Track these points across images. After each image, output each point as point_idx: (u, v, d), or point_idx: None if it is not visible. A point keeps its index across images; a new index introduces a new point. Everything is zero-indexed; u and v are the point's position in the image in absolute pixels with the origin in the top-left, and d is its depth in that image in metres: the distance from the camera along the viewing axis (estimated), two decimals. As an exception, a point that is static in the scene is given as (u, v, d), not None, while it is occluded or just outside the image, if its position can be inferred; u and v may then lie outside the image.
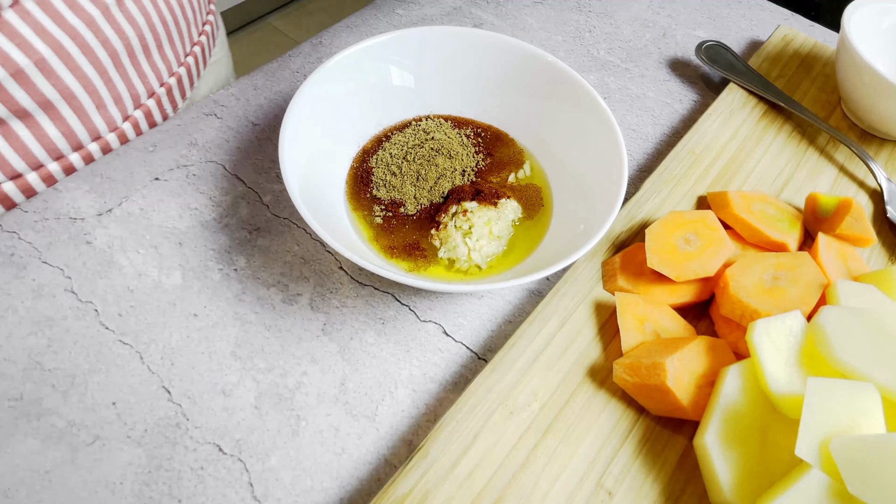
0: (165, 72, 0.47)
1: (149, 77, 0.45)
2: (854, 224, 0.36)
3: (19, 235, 0.36)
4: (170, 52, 0.47)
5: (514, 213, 0.39)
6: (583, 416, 0.31)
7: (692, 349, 0.30)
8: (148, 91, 0.46)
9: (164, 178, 0.40)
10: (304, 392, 0.33)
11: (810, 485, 0.25)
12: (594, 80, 0.51)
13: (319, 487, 0.30)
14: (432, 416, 0.33)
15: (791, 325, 0.30)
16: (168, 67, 0.47)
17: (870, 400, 0.26)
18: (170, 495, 0.29)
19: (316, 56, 0.50)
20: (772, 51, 0.53)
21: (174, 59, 0.48)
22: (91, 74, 0.40)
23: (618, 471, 0.30)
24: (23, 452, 0.29)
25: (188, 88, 0.50)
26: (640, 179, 0.45)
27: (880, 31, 0.48)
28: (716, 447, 0.28)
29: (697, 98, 0.51)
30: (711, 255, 0.34)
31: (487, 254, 0.37)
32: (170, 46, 0.47)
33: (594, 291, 0.36)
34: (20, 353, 0.32)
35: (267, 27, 1.81)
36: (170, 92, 0.48)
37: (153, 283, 0.36)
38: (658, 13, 0.59)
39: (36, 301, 0.34)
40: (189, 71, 0.50)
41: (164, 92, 0.47)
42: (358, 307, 0.36)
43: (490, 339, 0.36)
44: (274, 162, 0.42)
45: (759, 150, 0.45)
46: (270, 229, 0.39)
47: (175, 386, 0.32)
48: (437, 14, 0.55)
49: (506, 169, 0.42)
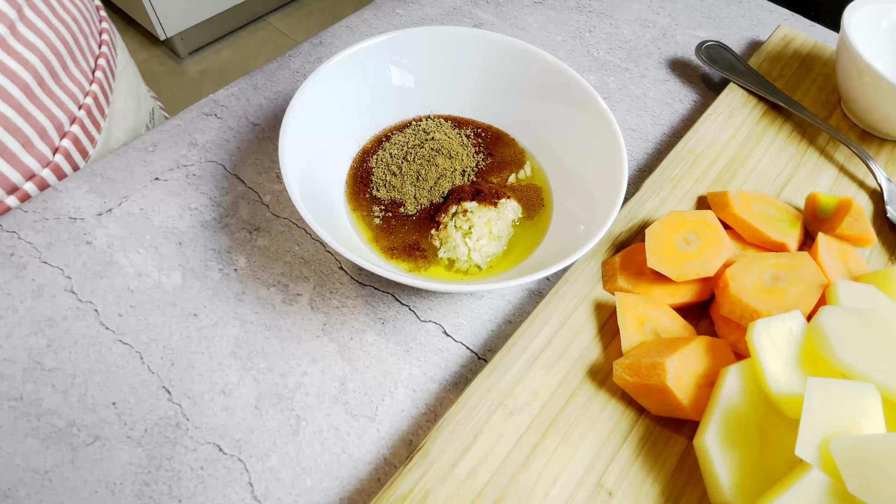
0: (79, 92, 0.46)
1: (65, 102, 0.44)
2: (854, 224, 0.36)
3: (19, 235, 0.36)
4: (77, 72, 0.46)
5: (514, 213, 0.39)
6: (583, 416, 0.31)
7: (692, 349, 0.30)
8: (69, 117, 0.44)
9: (164, 177, 0.40)
10: (304, 392, 0.33)
11: (810, 485, 0.25)
12: (594, 80, 0.51)
13: (319, 487, 0.30)
14: (432, 416, 0.33)
15: (791, 325, 0.30)
16: (80, 87, 0.46)
17: (870, 400, 0.26)
18: (170, 495, 0.29)
19: (316, 56, 0.50)
20: (772, 51, 0.53)
21: (84, 78, 0.47)
22: (8, 113, 0.39)
23: (618, 471, 0.30)
24: (23, 452, 0.29)
25: (105, 105, 0.49)
26: (640, 179, 0.45)
27: (880, 31, 0.48)
28: (716, 447, 0.28)
29: (697, 98, 0.51)
30: (711, 255, 0.34)
31: (487, 254, 0.37)
32: (75, 66, 0.46)
33: (594, 291, 0.36)
34: (20, 353, 0.32)
35: (267, 27, 1.81)
36: (90, 113, 0.46)
37: (153, 283, 0.36)
38: (658, 13, 0.59)
39: (36, 301, 0.34)
40: (101, 86, 0.48)
41: (85, 114, 0.46)
42: (358, 307, 0.36)
43: (490, 339, 0.36)
44: (274, 162, 0.42)
45: (759, 150, 0.45)
46: (270, 229, 0.39)
47: (175, 386, 0.32)
48: (437, 14, 0.55)
49: (507, 169, 0.42)
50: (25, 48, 0.40)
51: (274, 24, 1.82)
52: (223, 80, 1.62)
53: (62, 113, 0.44)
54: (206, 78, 1.64)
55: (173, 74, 1.64)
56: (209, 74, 1.65)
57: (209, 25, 1.67)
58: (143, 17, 1.49)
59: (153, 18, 1.49)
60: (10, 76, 0.39)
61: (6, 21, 0.39)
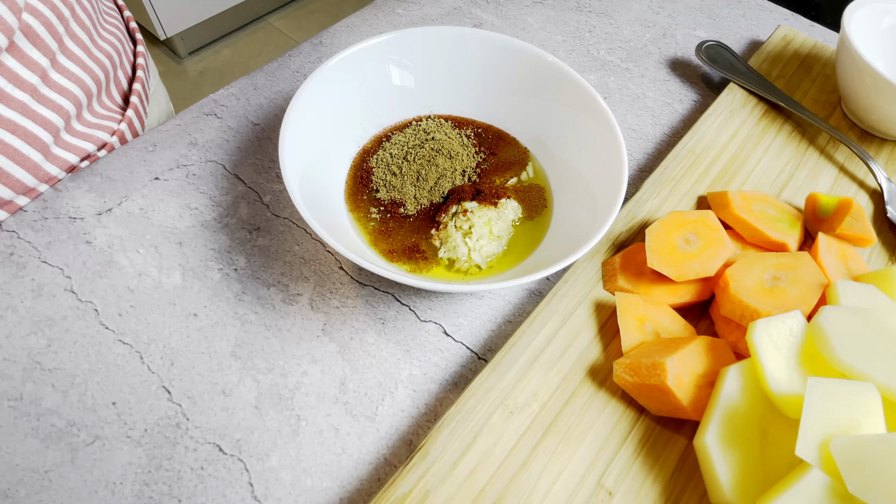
0: (112, 122, 0.45)
1: (95, 135, 0.43)
2: (854, 224, 0.36)
3: (19, 235, 0.36)
4: (108, 101, 0.45)
5: (514, 213, 0.39)
6: (583, 416, 0.31)
7: (692, 349, 0.30)
8: (98, 146, 0.44)
9: (164, 177, 0.40)
10: (304, 392, 0.33)
11: (810, 485, 0.25)
12: (594, 80, 0.51)
13: (319, 487, 0.30)
14: (432, 416, 0.33)
15: (791, 325, 0.30)
16: (112, 118, 0.46)
17: (870, 400, 0.26)
18: (170, 495, 0.29)
19: (316, 56, 0.50)
20: (772, 51, 0.53)
21: (115, 108, 0.46)
22: (38, 159, 0.38)
23: (618, 471, 0.30)
24: (23, 452, 0.29)
25: (139, 129, 0.49)
26: (640, 179, 0.45)
27: (880, 31, 0.48)
28: (716, 447, 0.28)
29: (697, 98, 0.51)
30: (712, 255, 0.34)
31: (487, 254, 0.37)
32: (107, 96, 0.45)
33: (594, 291, 0.36)
34: (20, 353, 0.32)
35: (267, 27, 1.81)
36: (122, 138, 0.46)
37: (153, 283, 0.36)
38: (658, 13, 0.59)
39: (36, 301, 0.34)
40: (136, 110, 0.48)
41: (117, 140, 0.45)
42: (358, 307, 0.36)
43: (490, 339, 0.36)
44: (274, 162, 0.42)
45: (760, 150, 0.45)
46: (270, 229, 0.39)
47: (175, 386, 0.32)
48: (437, 14, 0.55)
49: (511, 169, 0.42)
50: (58, 93, 0.40)
51: (274, 24, 1.82)
52: (223, 80, 1.62)
53: (91, 145, 0.43)
54: (206, 78, 1.64)
55: (173, 74, 1.64)
56: (209, 74, 1.65)
57: (209, 25, 1.67)
58: (144, 17, 1.49)
59: (153, 18, 1.49)
60: (42, 123, 0.39)
61: (38, 70, 0.38)
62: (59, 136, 0.40)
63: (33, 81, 0.38)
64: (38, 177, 0.39)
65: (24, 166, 0.38)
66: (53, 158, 0.40)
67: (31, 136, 0.38)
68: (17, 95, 0.37)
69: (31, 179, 0.39)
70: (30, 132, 0.38)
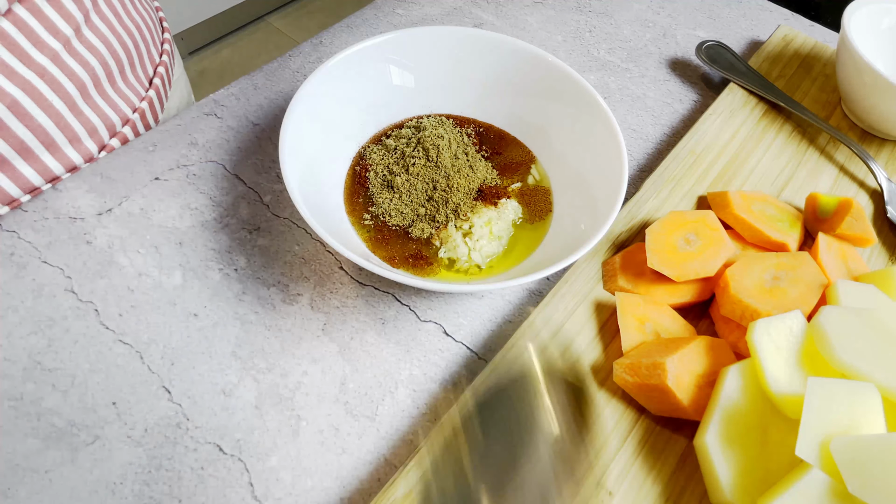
0: (135, 97, 0.47)
1: (119, 105, 0.45)
2: (854, 224, 0.36)
3: (19, 235, 0.36)
4: (133, 78, 0.47)
5: (515, 213, 0.39)
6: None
7: (692, 349, 0.30)
8: (122, 119, 0.46)
9: (165, 177, 0.40)
10: (305, 392, 0.33)
11: (810, 485, 0.25)
12: (594, 80, 0.51)
13: (320, 487, 0.30)
14: (432, 416, 0.33)
15: (791, 325, 0.30)
16: (136, 93, 0.48)
17: (870, 400, 0.26)
18: (170, 495, 0.29)
19: (316, 56, 0.50)
20: (772, 51, 0.53)
21: (140, 85, 0.48)
22: (62, 110, 0.40)
23: (618, 471, 0.30)
24: (23, 452, 0.29)
25: (159, 110, 0.51)
26: (640, 179, 0.45)
27: (880, 31, 0.48)
28: (716, 447, 0.28)
29: (697, 98, 0.51)
30: (712, 255, 0.34)
31: (487, 254, 0.37)
32: (132, 72, 0.47)
33: (594, 291, 0.36)
34: (20, 353, 0.32)
35: (267, 27, 1.81)
36: (143, 116, 0.48)
37: (153, 283, 0.36)
38: (658, 13, 0.59)
39: (36, 301, 0.34)
40: (158, 92, 0.50)
41: (138, 117, 0.47)
42: (358, 307, 0.36)
43: (490, 339, 0.36)
44: (274, 162, 0.42)
45: (760, 150, 0.45)
46: (270, 229, 0.39)
47: (175, 386, 0.32)
48: (437, 14, 0.55)
49: (518, 171, 0.41)
50: (87, 50, 0.42)
51: (274, 24, 1.82)
52: (223, 80, 1.62)
53: (115, 115, 0.45)
54: (206, 78, 1.64)
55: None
56: (209, 74, 1.65)
57: (209, 25, 1.67)
58: (143, 16, 1.49)
59: (153, 18, 1.49)
60: (69, 75, 0.40)
61: (73, 23, 0.40)
62: (86, 93, 0.42)
63: (67, 33, 0.40)
64: (60, 129, 0.41)
65: (48, 112, 0.39)
66: (78, 114, 0.42)
67: (58, 85, 0.40)
68: (50, 43, 0.39)
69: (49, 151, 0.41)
70: (57, 81, 0.40)
